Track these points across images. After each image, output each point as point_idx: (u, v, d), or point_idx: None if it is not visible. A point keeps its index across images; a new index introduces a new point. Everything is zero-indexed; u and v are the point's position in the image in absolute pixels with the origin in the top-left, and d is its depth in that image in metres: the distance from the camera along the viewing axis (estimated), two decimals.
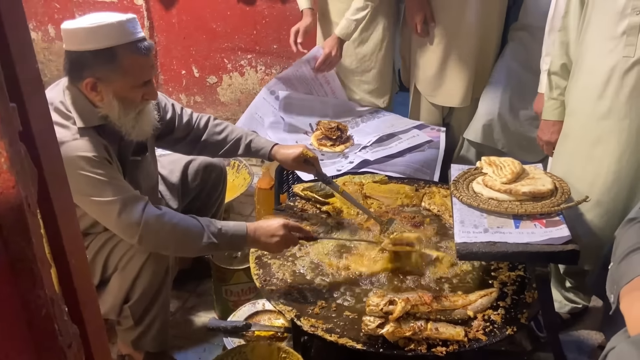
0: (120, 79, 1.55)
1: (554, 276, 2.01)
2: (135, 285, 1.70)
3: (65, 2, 3.48)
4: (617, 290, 1.02)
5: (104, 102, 1.57)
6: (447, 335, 1.32)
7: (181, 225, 1.54)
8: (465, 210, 1.51)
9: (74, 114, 1.57)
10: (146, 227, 1.51)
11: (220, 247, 1.58)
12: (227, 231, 1.57)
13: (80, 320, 0.76)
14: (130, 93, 1.58)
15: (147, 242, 1.54)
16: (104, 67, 1.53)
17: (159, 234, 1.53)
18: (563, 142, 1.80)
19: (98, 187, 1.51)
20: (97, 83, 1.54)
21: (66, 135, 1.53)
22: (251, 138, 1.94)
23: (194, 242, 1.55)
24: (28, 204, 0.61)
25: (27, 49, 0.65)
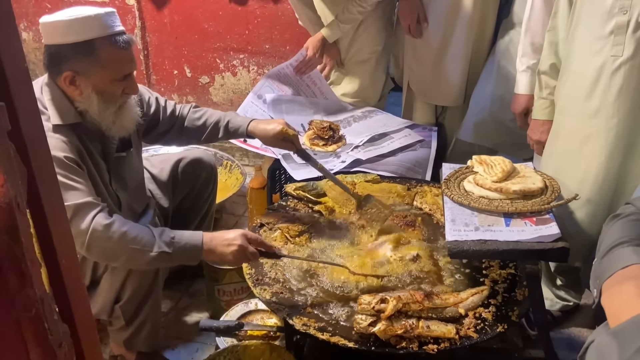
0: (99, 72, 1.53)
1: (545, 274, 2.03)
2: (126, 285, 1.70)
3: (57, 2, 3.47)
4: (599, 285, 1.04)
5: (82, 97, 1.55)
6: (439, 333, 1.32)
7: (130, 233, 1.47)
8: (457, 209, 1.52)
9: (50, 110, 1.54)
10: (93, 235, 1.44)
11: (173, 256, 1.50)
12: (181, 240, 1.50)
13: (71, 319, 0.76)
14: (109, 87, 1.56)
15: (94, 251, 1.48)
16: (83, 60, 1.51)
17: (107, 243, 1.46)
18: (553, 140, 1.82)
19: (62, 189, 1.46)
20: (75, 77, 1.52)
21: None
22: (229, 119, 1.92)
23: (143, 252, 1.47)
24: (17, 203, 0.61)
25: (16, 47, 0.65)
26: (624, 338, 0.87)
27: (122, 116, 1.63)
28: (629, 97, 1.58)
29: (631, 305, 0.92)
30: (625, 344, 0.86)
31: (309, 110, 2.58)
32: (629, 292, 0.95)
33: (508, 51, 2.41)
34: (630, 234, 1.09)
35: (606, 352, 0.89)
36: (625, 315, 0.90)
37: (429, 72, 2.57)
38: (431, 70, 2.56)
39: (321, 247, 1.70)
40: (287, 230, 1.74)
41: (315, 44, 2.52)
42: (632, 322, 0.89)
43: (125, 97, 1.63)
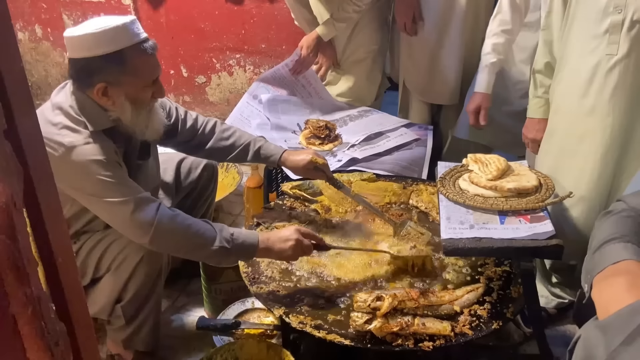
0: (131, 80, 1.55)
1: (540, 272, 2.04)
2: (128, 285, 1.70)
3: (52, 2, 3.47)
4: (590, 280, 1.05)
5: (115, 106, 1.57)
6: (434, 330, 1.33)
7: (194, 227, 1.52)
8: (452, 207, 1.53)
9: (85, 117, 1.56)
10: (159, 227, 1.49)
11: (231, 252, 1.53)
12: (239, 237, 1.55)
13: (68, 318, 0.77)
14: (141, 93, 1.59)
15: (158, 242, 1.52)
16: (114, 71, 1.52)
17: (172, 235, 1.51)
18: (549, 139, 1.83)
19: (110, 189, 1.50)
20: (107, 87, 1.53)
21: (78, 139, 1.52)
22: (260, 144, 1.92)
23: (205, 246, 1.51)
24: (14, 202, 0.61)
25: (12, 47, 0.65)
26: (610, 330, 0.88)
27: (153, 120, 1.66)
28: (624, 96, 1.59)
29: (620, 298, 0.93)
30: (611, 335, 0.87)
31: (305, 109, 2.58)
32: (619, 286, 0.96)
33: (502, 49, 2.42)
34: (621, 230, 1.10)
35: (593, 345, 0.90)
36: (614, 309, 0.92)
37: (424, 70, 2.58)
38: (426, 69, 2.57)
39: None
40: None
41: (309, 42, 2.53)
42: (619, 314, 0.90)
43: (154, 101, 1.65)
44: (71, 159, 1.49)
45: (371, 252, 1.66)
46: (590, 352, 0.90)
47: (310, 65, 2.61)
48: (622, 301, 0.92)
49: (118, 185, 1.51)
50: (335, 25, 2.49)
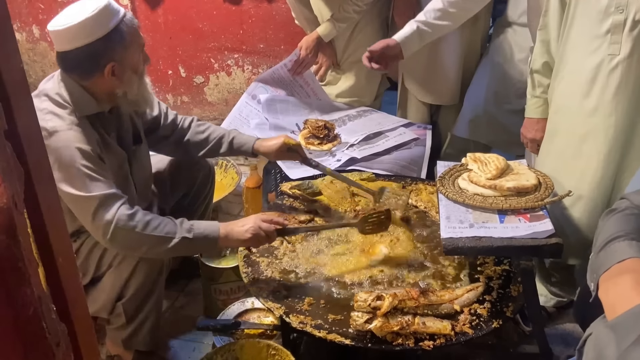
0: (132, 52, 1.59)
1: (539, 271, 2.04)
2: (129, 282, 1.71)
3: (50, 2, 3.45)
4: (596, 279, 1.05)
5: (123, 82, 1.60)
6: (434, 329, 1.33)
7: (153, 223, 1.52)
8: (451, 206, 1.53)
9: (71, 104, 1.57)
10: (117, 225, 1.49)
11: (194, 242, 1.54)
12: (199, 227, 1.56)
13: (69, 318, 0.77)
14: (138, 62, 1.63)
15: (118, 240, 1.51)
16: (117, 47, 1.55)
17: (131, 233, 1.50)
18: (550, 139, 1.82)
19: (84, 182, 1.50)
20: (115, 65, 1.56)
21: (61, 125, 1.53)
22: (233, 135, 1.96)
23: (167, 240, 1.52)
24: (15, 203, 0.61)
25: (12, 48, 0.65)
26: (622, 330, 0.88)
27: (145, 89, 1.69)
28: (627, 95, 1.59)
29: (628, 297, 0.93)
30: (622, 335, 0.87)
31: (303, 109, 2.58)
32: (626, 285, 0.96)
33: (502, 49, 2.43)
34: (625, 228, 1.11)
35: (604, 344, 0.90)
36: (621, 307, 0.92)
37: (423, 70, 2.58)
38: (425, 69, 2.57)
39: (317, 245, 1.70)
40: None
41: (309, 43, 2.53)
42: (630, 313, 0.90)
43: (144, 67, 1.68)
44: (52, 144, 1.49)
45: (369, 253, 1.66)
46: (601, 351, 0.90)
47: (310, 66, 2.61)
48: (630, 300, 0.92)
49: (92, 180, 1.51)
50: (336, 25, 2.49)
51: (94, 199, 1.50)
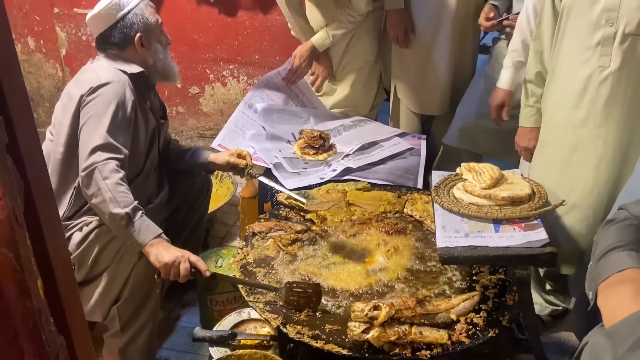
0: (153, 26, 1.89)
1: (534, 279, 2.05)
2: (126, 285, 1.71)
3: (45, 14, 3.47)
4: (595, 287, 1.06)
5: (150, 51, 1.89)
6: (431, 338, 1.34)
7: (121, 186, 1.64)
8: (447, 216, 1.54)
9: (119, 66, 1.83)
10: (98, 167, 1.63)
11: (131, 225, 1.60)
12: (147, 220, 1.64)
13: (67, 331, 0.77)
14: (161, 35, 1.94)
15: (88, 177, 1.63)
16: (141, 21, 1.85)
17: (100, 181, 1.62)
18: (541, 148, 1.85)
19: (109, 121, 1.69)
20: (142, 36, 1.85)
21: (113, 78, 1.77)
22: (193, 151, 2.13)
23: (117, 204, 1.61)
24: (15, 216, 0.61)
25: (12, 61, 0.66)
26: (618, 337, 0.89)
27: (170, 61, 1.98)
28: (617, 107, 1.61)
29: (627, 306, 0.94)
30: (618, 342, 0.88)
31: (299, 119, 2.60)
32: (625, 295, 0.97)
33: (497, 60, 2.46)
34: (625, 238, 1.12)
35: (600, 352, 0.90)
36: (620, 316, 0.93)
37: (415, 81, 2.61)
38: (417, 80, 2.60)
39: (313, 256, 1.71)
40: (279, 239, 1.75)
41: (303, 52, 2.54)
42: (626, 321, 0.91)
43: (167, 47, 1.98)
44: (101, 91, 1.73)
45: (367, 262, 1.66)
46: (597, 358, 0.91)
47: (304, 76, 2.62)
48: (629, 309, 0.93)
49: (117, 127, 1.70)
50: (330, 35, 2.51)
51: (100, 136, 1.66)
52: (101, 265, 1.74)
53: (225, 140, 2.44)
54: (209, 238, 2.62)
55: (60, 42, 3.54)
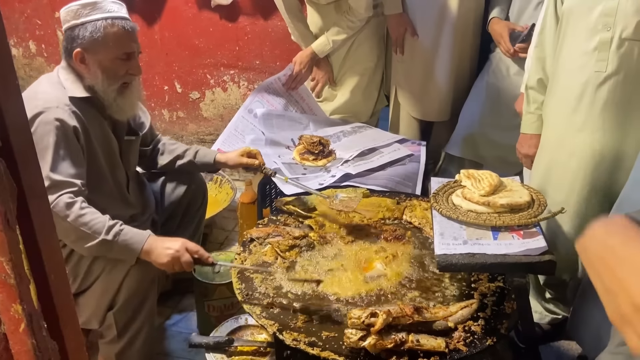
0: (103, 49, 1.72)
1: (534, 287, 2.04)
2: (121, 290, 1.70)
3: (47, 18, 3.48)
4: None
5: (90, 73, 1.73)
6: (429, 346, 1.33)
7: (85, 217, 1.59)
8: (445, 223, 1.53)
9: (67, 84, 1.73)
10: (53, 210, 1.55)
11: (113, 247, 1.60)
12: (127, 234, 1.62)
13: (60, 336, 0.76)
14: (113, 64, 1.74)
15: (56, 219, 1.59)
16: (90, 38, 1.70)
17: (62, 221, 1.57)
18: (540, 154, 1.84)
19: (51, 158, 1.60)
20: (84, 54, 1.71)
21: (50, 102, 1.65)
22: (198, 149, 2.11)
23: (90, 236, 1.58)
24: (7, 220, 0.61)
25: (7, 64, 0.66)
26: None
27: (123, 98, 1.79)
28: (614, 112, 1.61)
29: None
30: None
31: (299, 125, 2.60)
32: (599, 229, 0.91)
33: (498, 68, 2.46)
34: None
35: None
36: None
37: (417, 87, 2.61)
38: (419, 85, 2.60)
39: (311, 262, 1.70)
40: (278, 245, 1.74)
41: (303, 58, 2.55)
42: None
43: (130, 77, 1.79)
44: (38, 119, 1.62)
45: (365, 269, 1.66)
46: None
47: (304, 81, 2.63)
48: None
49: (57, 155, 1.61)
50: (330, 41, 2.52)
51: (46, 178, 1.58)
52: (93, 274, 1.73)
53: (224, 144, 2.44)
54: (207, 243, 2.61)
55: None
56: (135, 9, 3.24)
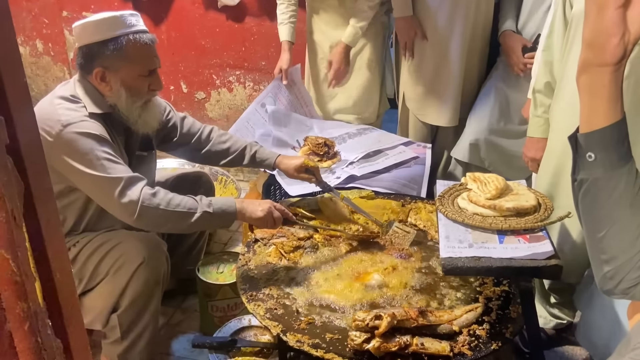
0: (127, 66, 1.66)
1: (539, 292, 2.03)
2: (126, 292, 1.70)
3: (54, 17, 3.49)
4: None
5: (112, 91, 1.67)
6: (433, 350, 1.32)
7: (176, 200, 1.61)
8: (451, 226, 1.52)
9: (85, 100, 1.66)
10: (143, 204, 1.57)
11: (214, 216, 1.62)
12: (217, 202, 1.65)
13: (64, 334, 0.76)
14: (136, 82, 1.69)
15: (144, 217, 1.58)
16: (111, 56, 1.64)
17: (156, 210, 1.58)
18: (548, 158, 1.83)
19: (106, 165, 1.57)
20: (105, 72, 1.65)
21: (75, 117, 1.60)
22: (256, 149, 2.02)
23: (189, 214, 1.60)
24: (14, 217, 0.61)
25: (15, 62, 0.65)
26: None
27: (147, 113, 1.75)
28: None
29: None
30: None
31: (304, 126, 2.60)
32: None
33: (506, 73, 2.45)
34: None
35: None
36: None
37: (424, 92, 2.60)
38: (426, 91, 2.59)
39: (315, 263, 1.69)
40: (282, 246, 1.74)
41: (338, 55, 2.55)
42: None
43: (151, 93, 1.75)
44: (67, 133, 1.57)
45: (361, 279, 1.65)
46: None
47: (345, 75, 2.64)
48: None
49: (110, 162, 1.59)
50: (358, 28, 2.50)
51: (119, 180, 1.57)
52: (99, 276, 1.73)
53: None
54: (211, 244, 2.61)
55: (69, 46, 3.56)
56: (142, 9, 3.24)
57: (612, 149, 0.86)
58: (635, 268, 0.87)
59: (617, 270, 0.90)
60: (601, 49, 0.83)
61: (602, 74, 0.85)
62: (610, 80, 0.85)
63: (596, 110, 0.87)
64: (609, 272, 0.90)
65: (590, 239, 0.94)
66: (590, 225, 0.92)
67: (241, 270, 1.67)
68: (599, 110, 0.86)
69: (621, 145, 0.87)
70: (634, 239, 0.87)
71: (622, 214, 0.87)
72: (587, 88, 0.88)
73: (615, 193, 0.87)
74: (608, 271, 0.90)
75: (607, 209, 0.88)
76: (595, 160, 0.87)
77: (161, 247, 1.78)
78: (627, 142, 0.88)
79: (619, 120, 0.86)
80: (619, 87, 0.86)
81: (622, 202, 0.87)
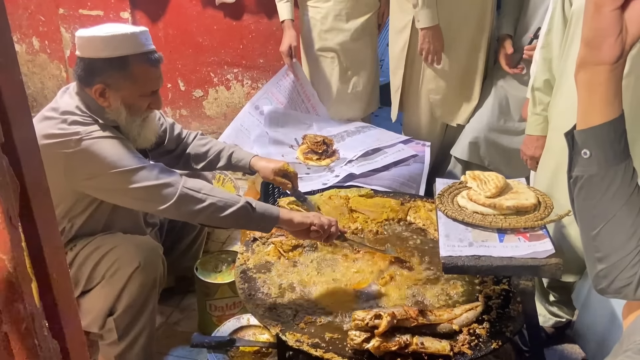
0: (129, 86, 1.61)
1: (538, 290, 2.02)
2: (122, 296, 1.68)
3: (51, 15, 3.47)
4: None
5: (111, 108, 1.63)
6: (433, 349, 1.31)
7: (215, 190, 1.60)
8: (450, 224, 1.52)
9: (92, 115, 1.62)
10: (184, 188, 1.55)
11: (254, 213, 1.58)
12: (261, 203, 1.62)
13: (61, 335, 0.75)
14: (137, 101, 1.65)
15: (183, 203, 1.55)
16: (115, 75, 1.59)
17: (197, 194, 1.56)
18: (547, 156, 1.83)
19: (133, 159, 1.56)
20: (105, 89, 1.60)
21: (92, 128, 1.57)
22: (232, 150, 1.98)
23: (229, 204, 1.56)
24: (9, 217, 0.60)
25: (11, 60, 0.64)
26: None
27: (146, 128, 1.72)
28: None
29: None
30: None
31: (303, 124, 2.59)
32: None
33: (504, 71, 2.45)
34: None
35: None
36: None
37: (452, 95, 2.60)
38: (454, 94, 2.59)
39: (316, 263, 1.69)
40: (280, 245, 1.73)
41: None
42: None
43: (149, 111, 1.71)
44: (90, 143, 1.54)
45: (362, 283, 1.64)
46: None
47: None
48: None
49: (139, 157, 1.58)
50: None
51: (154, 167, 1.56)
52: (95, 279, 1.71)
53: (229, 139, 2.44)
54: (209, 242, 2.60)
55: (65, 43, 3.54)
56: (139, 6, 3.23)
57: (608, 147, 0.86)
58: (628, 267, 0.87)
59: (610, 268, 0.89)
60: (598, 48, 0.83)
61: (599, 72, 0.85)
62: (607, 78, 0.84)
63: (593, 107, 0.87)
64: (602, 270, 0.90)
65: (584, 237, 0.93)
66: (585, 222, 0.92)
67: (240, 269, 1.66)
68: (596, 107, 0.86)
69: (617, 143, 0.86)
70: (628, 238, 0.87)
71: (616, 212, 0.87)
72: (584, 85, 0.88)
73: (610, 191, 0.87)
74: (601, 269, 0.90)
75: (601, 206, 0.88)
76: (590, 157, 0.87)
77: (157, 251, 1.77)
78: (624, 140, 0.88)
79: (616, 118, 0.86)
80: (616, 85, 0.86)
81: (616, 200, 0.87)
